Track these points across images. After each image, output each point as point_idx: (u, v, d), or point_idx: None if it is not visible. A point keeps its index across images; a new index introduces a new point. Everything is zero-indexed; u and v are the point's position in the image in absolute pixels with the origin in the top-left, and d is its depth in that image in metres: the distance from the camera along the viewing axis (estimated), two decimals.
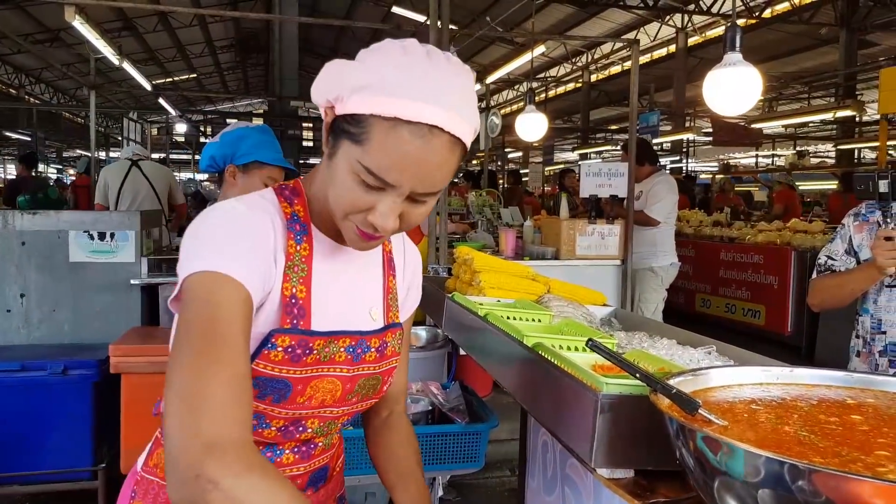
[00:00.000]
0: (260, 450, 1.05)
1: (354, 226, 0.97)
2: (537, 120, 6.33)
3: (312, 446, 1.13)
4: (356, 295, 1.11)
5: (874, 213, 2.21)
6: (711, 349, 1.59)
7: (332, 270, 1.07)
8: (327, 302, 1.05)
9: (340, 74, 0.93)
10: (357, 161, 0.91)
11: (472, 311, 1.92)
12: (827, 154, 20.82)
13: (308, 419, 1.07)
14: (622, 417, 1.10)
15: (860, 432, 0.93)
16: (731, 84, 3.31)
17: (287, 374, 1.00)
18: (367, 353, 1.09)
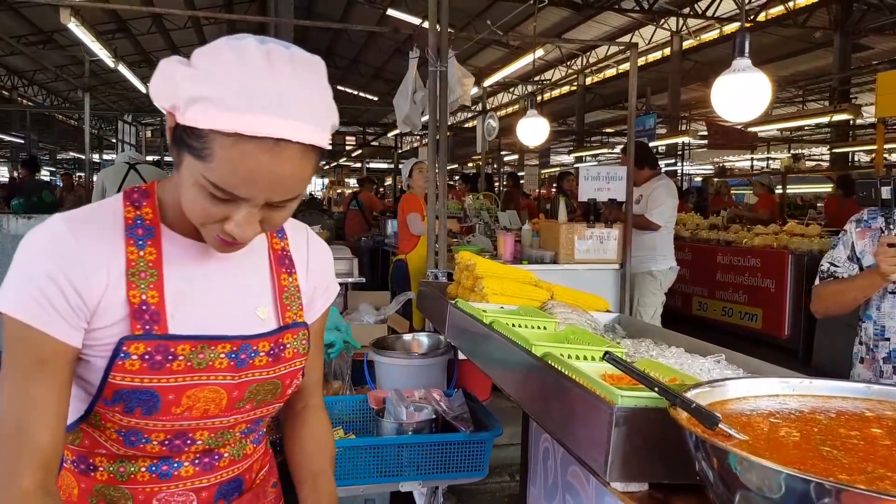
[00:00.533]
0: (155, 463, 1.03)
1: (213, 233, 0.94)
2: (539, 125, 6.32)
3: (216, 457, 1.08)
4: (233, 296, 1.05)
5: (876, 219, 2.20)
6: (720, 357, 1.58)
7: (194, 272, 1.01)
8: (188, 305, 0.99)
9: (174, 80, 0.87)
10: (202, 175, 0.86)
11: (476, 318, 1.90)
12: (821, 157, 20.90)
13: (194, 431, 1.02)
14: (637, 430, 1.08)
15: (882, 447, 0.91)
16: (739, 90, 3.30)
17: (151, 383, 0.95)
18: (254, 357, 1.03)
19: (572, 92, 19.62)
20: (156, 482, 1.04)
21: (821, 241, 6.97)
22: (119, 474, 1.04)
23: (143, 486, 1.04)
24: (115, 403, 0.95)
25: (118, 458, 1.03)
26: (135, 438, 1.00)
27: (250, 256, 1.08)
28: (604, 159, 18.98)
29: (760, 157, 20.89)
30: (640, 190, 5.18)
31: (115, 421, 0.98)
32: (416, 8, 14.11)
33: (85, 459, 1.04)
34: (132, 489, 1.04)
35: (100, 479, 1.04)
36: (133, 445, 1.01)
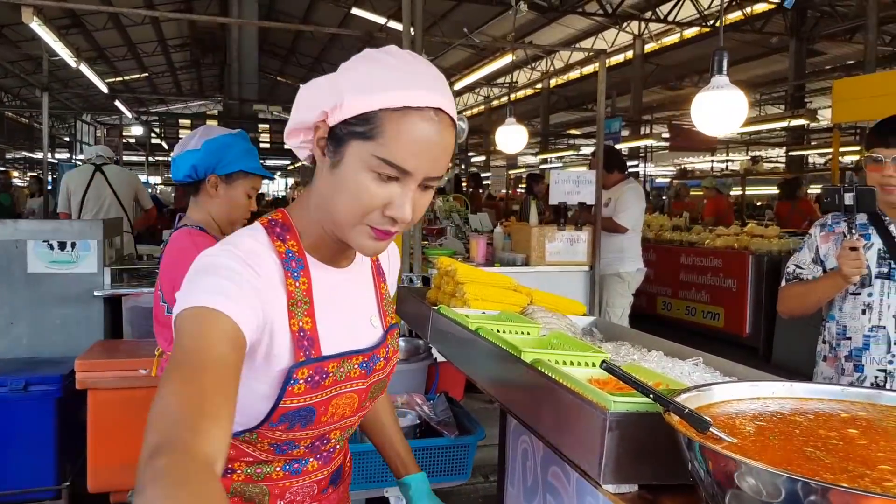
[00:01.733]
0: (288, 462, 1.12)
1: (368, 229, 1.00)
2: (517, 132, 6.40)
3: (332, 451, 1.19)
4: (355, 311, 1.16)
5: (839, 223, 2.30)
6: (699, 360, 1.64)
7: (332, 295, 1.10)
8: (332, 326, 1.08)
9: (333, 85, 0.99)
10: (372, 155, 0.95)
11: (461, 324, 1.93)
12: (778, 159, 21.47)
13: (331, 433, 1.14)
14: (629, 434, 1.13)
15: (860, 446, 0.97)
16: (718, 106, 3.44)
17: (311, 401, 1.05)
18: (376, 363, 1.16)
19: (537, 94, 19.81)
20: (288, 478, 1.14)
21: (780, 242, 7.19)
22: (256, 475, 1.12)
23: (277, 483, 1.13)
24: (280, 423, 1.04)
25: (256, 462, 1.11)
26: (286, 447, 1.10)
27: (365, 271, 1.20)
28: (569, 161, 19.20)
29: (720, 160, 21.38)
30: (609, 193, 5.29)
31: (274, 437, 1.07)
32: (382, 7, 14.09)
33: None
34: (269, 485, 1.13)
35: (236, 479, 1.11)
36: (283, 452, 1.11)
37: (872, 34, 10.21)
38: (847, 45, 14.19)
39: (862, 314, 2.21)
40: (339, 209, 1.00)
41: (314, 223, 1.07)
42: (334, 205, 1.00)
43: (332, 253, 1.10)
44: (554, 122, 22.08)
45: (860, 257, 2.11)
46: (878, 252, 2.20)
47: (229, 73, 14.28)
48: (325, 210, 1.03)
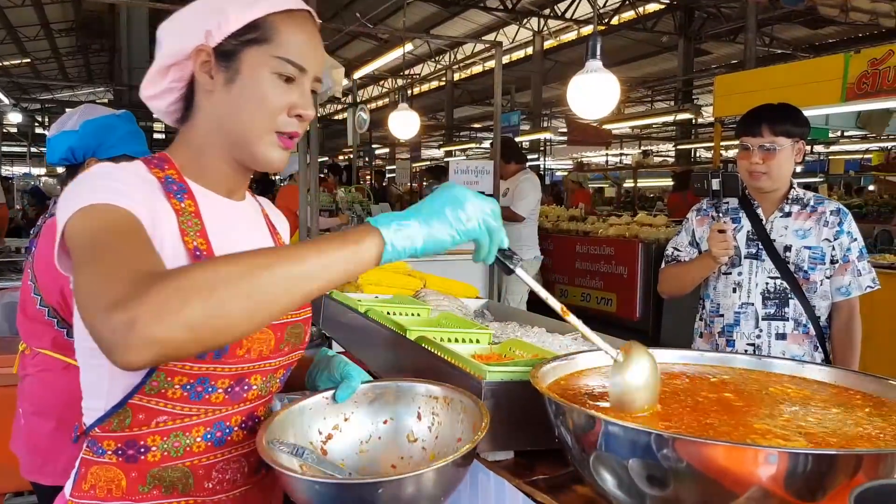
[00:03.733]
0: (209, 430, 1.04)
1: (275, 137, 1.03)
2: (410, 118, 6.41)
3: (256, 420, 1.11)
4: (254, 245, 1.10)
5: (713, 208, 2.44)
6: (577, 336, 1.72)
7: (225, 225, 1.08)
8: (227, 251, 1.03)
9: (206, 6, 1.02)
10: (272, 56, 1.00)
11: (352, 308, 1.94)
12: (668, 153, 22.59)
13: (250, 375, 1.07)
14: (503, 403, 1.18)
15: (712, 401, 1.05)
16: (592, 89, 3.56)
17: None
18: None
19: (441, 87, 19.93)
20: (211, 450, 1.05)
21: (667, 231, 7.58)
22: (174, 450, 1.02)
23: (200, 458, 1.04)
24: None
25: (172, 432, 1.01)
26: (201, 388, 1.01)
27: (259, 217, 1.19)
28: (472, 154, 19.46)
29: (614, 153, 22.27)
30: (507, 183, 5.42)
31: (184, 372, 0.98)
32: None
33: (133, 444, 1.01)
34: (190, 464, 1.03)
35: (152, 461, 1.01)
36: (199, 398, 1.01)
37: (752, 34, 10.89)
38: (730, 45, 15.09)
39: (733, 292, 2.36)
40: (244, 121, 1.02)
41: (198, 155, 1.07)
42: (238, 119, 1.02)
43: (221, 182, 1.09)
44: (458, 116, 22.30)
45: (727, 239, 2.25)
46: (748, 234, 2.35)
47: (119, 58, 13.53)
48: (224, 132, 1.04)
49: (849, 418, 0.95)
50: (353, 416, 1.13)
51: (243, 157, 1.06)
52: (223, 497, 1.06)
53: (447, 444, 1.08)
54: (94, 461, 1.02)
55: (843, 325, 2.31)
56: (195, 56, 1.01)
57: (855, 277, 2.28)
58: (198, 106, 1.05)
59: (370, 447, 1.12)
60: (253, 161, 1.06)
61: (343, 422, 1.12)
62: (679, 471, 0.80)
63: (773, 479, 0.75)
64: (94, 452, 1.02)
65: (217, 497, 1.05)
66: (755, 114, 2.33)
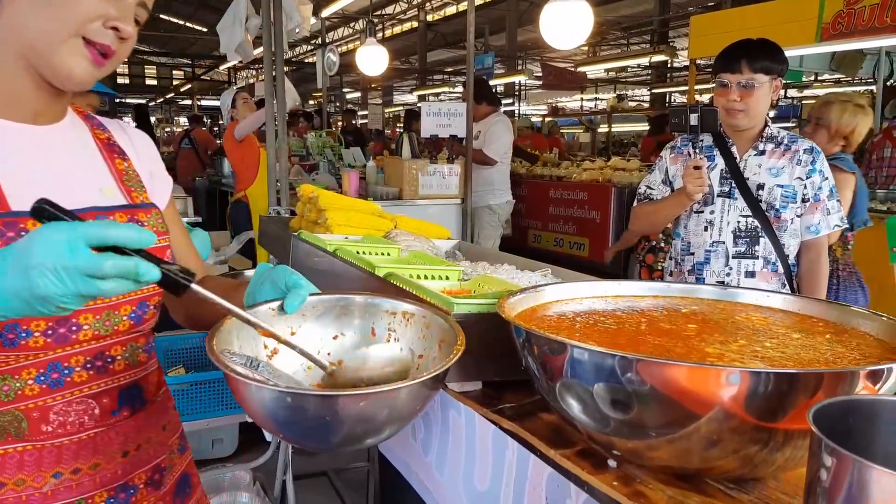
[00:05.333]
0: (42, 372, 0.95)
1: (82, 44, 0.93)
2: (378, 53, 6.25)
3: (109, 360, 1.03)
4: (71, 177, 1.02)
5: (687, 145, 2.43)
6: (547, 272, 1.71)
7: (23, 156, 0.98)
8: (23, 183, 0.95)
9: None
10: None
11: (321, 248, 1.91)
12: (643, 98, 22.50)
13: (78, 314, 0.97)
14: (470, 335, 1.17)
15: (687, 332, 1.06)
16: (565, 18, 3.49)
17: None
18: None
19: (414, 30, 19.48)
20: (47, 393, 0.97)
21: (640, 175, 7.61)
22: (3, 394, 0.94)
23: (35, 401, 0.96)
24: None
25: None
26: (13, 335, 0.92)
27: (82, 144, 1.07)
28: (446, 98, 19.20)
29: (589, 98, 22.11)
30: (479, 126, 5.35)
31: None
32: None
33: None
34: (23, 408, 0.95)
35: None
36: (13, 344, 0.92)
37: None
38: None
39: (704, 231, 2.38)
40: (47, 23, 0.91)
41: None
42: (39, 20, 0.91)
43: (18, 106, 0.97)
44: (431, 60, 21.89)
45: (703, 176, 2.25)
46: (721, 172, 2.35)
47: None
48: (23, 38, 0.93)
49: (808, 343, 0.96)
50: (300, 330, 1.04)
51: (40, 65, 0.94)
52: (66, 441, 0.98)
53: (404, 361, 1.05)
54: None
55: (810, 264, 2.34)
56: None
57: (824, 216, 2.30)
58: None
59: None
60: (52, 71, 0.95)
61: (290, 335, 1.02)
62: (642, 393, 0.81)
63: (735, 399, 0.76)
64: None
65: (59, 441, 0.97)
66: (734, 49, 2.30)
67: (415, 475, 2.30)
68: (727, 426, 0.79)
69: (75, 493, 0.99)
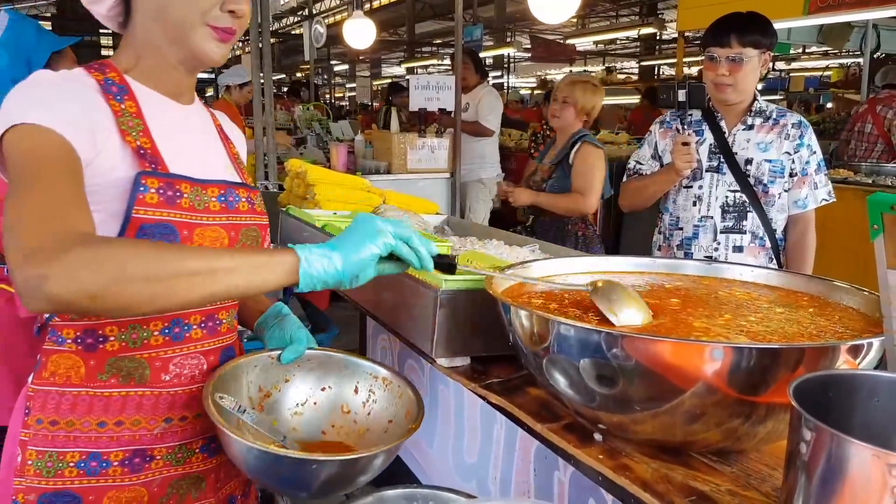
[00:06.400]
0: (167, 325, 1.07)
1: (210, 30, 1.04)
2: (365, 26, 6.16)
3: (218, 323, 1.15)
4: (204, 151, 1.15)
5: (676, 120, 2.42)
6: (535, 247, 1.73)
7: (170, 126, 1.09)
8: (177, 151, 1.07)
9: None
10: None
11: (309, 223, 1.91)
12: (632, 70, 22.38)
13: None
14: (459, 311, 1.19)
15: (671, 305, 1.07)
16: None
17: (169, 217, 1.01)
18: (238, 202, 1.13)
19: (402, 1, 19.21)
20: (169, 345, 1.08)
21: (629, 148, 7.59)
22: (131, 341, 1.05)
23: (158, 351, 1.07)
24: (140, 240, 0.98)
25: (129, 323, 1.04)
26: None
27: (208, 126, 1.19)
28: (435, 71, 19.02)
29: (578, 70, 21.97)
30: (467, 98, 5.31)
31: None
32: None
33: (93, 333, 1.03)
34: (147, 357, 1.06)
35: (110, 350, 1.04)
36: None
37: None
38: None
39: (693, 205, 2.37)
40: (176, 15, 1.02)
41: (140, 56, 1.07)
42: (170, 14, 1.02)
43: (166, 82, 1.10)
44: (420, 32, 21.63)
45: (691, 152, 2.25)
46: (710, 147, 2.34)
47: None
48: (161, 30, 1.04)
49: (792, 317, 0.98)
50: (294, 378, 1.20)
51: (182, 53, 1.07)
52: (179, 391, 1.09)
53: (378, 422, 1.17)
54: (54, 350, 1.05)
55: (798, 238, 2.35)
56: None
57: (812, 190, 2.30)
58: (135, 7, 1.05)
59: (305, 410, 1.20)
60: (192, 56, 1.06)
61: (284, 382, 1.19)
62: (627, 368, 0.82)
63: (718, 374, 0.77)
64: (55, 342, 1.04)
65: (174, 390, 1.09)
66: (723, 23, 2.28)
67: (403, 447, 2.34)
68: (710, 400, 0.80)
69: (178, 438, 1.11)
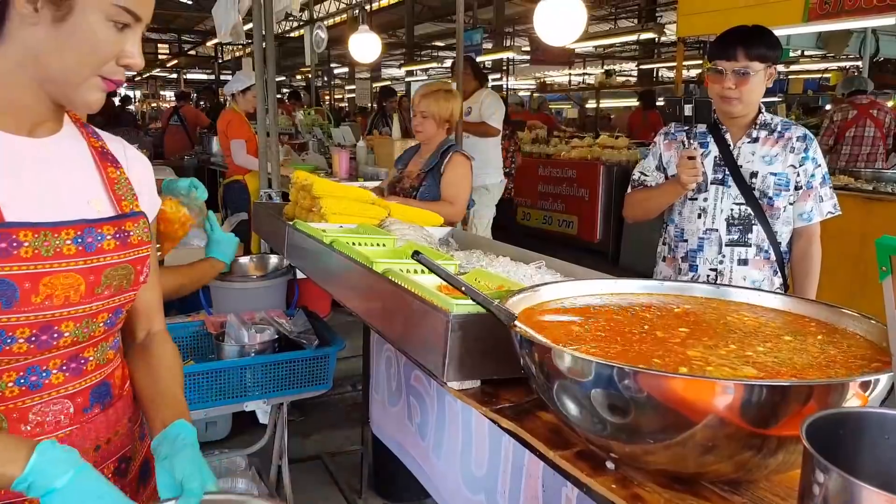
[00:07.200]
0: (22, 375, 1.00)
1: (100, 80, 1.00)
2: (370, 41, 6.21)
3: (83, 361, 1.08)
4: (64, 187, 1.06)
5: (681, 132, 2.43)
6: (541, 265, 1.74)
7: (19, 166, 1.01)
8: (18, 196, 0.99)
9: None
10: (111, 4, 0.97)
11: (317, 238, 1.92)
12: (630, 73, 22.40)
13: (59, 322, 1.02)
14: (470, 334, 1.20)
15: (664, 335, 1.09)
16: (559, 14, 3.49)
17: (7, 272, 0.94)
18: (101, 241, 1.05)
19: (401, 3, 19.22)
20: (27, 394, 1.02)
21: (629, 153, 7.61)
22: None
23: (14, 402, 1.02)
24: None
25: None
26: (0, 342, 0.97)
27: (77, 153, 1.11)
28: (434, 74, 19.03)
29: (577, 73, 22.00)
30: (469, 102, 5.34)
31: None
32: None
33: None
34: (3, 409, 1.01)
35: None
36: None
37: None
38: None
39: (698, 218, 2.38)
40: (69, 63, 0.97)
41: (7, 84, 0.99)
42: (62, 61, 0.97)
43: (19, 119, 1.02)
44: (419, 34, 21.63)
45: (696, 166, 2.25)
46: (715, 159, 2.35)
47: None
48: (40, 67, 0.98)
49: (801, 346, 0.99)
50: None
51: (57, 95, 1.02)
52: (44, 439, 0.99)
53: None
54: None
55: (803, 251, 2.36)
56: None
57: (817, 203, 2.31)
58: (8, 35, 0.96)
59: None
60: (68, 102, 1.03)
61: None
62: (639, 401, 0.84)
63: (729, 408, 0.79)
64: None
65: (38, 440, 0.98)
66: (730, 37, 2.28)
67: (410, 457, 2.35)
68: (722, 433, 0.82)
69: None
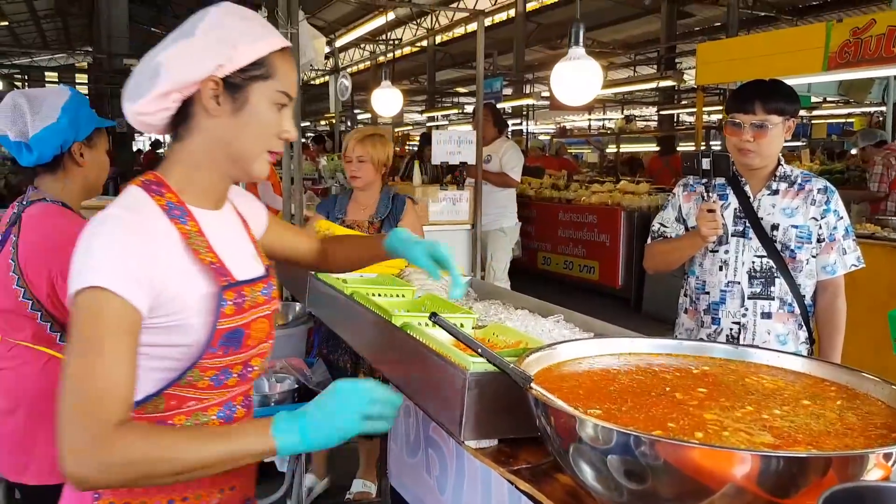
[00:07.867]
0: (220, 409, 1.20)
1: (267, 154, 1.20)
2: (393, 95, 6.43)
3: (250, 399, 1.30)
4: (239, 246, 1.28)
5: (700, 185, 2.43)
6: (559, 318, 1.74)
7: (219, 233, 1.21)
8: (230, 259, 1.20)
9: (217, 41, 1.13)
10: (276, 91, 1.16)
11: (337, 289, 1.95)
12: (651, 118, 22.54)
13: (253, 358, 1.23)
14: (487, 393, 1.20)
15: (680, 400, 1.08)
16: (575, 76, 3.58)
17: (239, 322, 1.16)
18: (270, 291, 1.28)
19: (423, 50, 19.64)
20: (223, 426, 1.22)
21: (650, 198, 7.61)
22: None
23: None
24: (218, 348, 1.13)
25: (194, 412, 1.17)
26: (223, 377, 1.18)
27: (232, 218, 1.30)
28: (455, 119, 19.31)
29: (597, 118, 22.19)
30: (488, 150, 5.44)
31: (214, 366, 1.15)
32: None
33: (163, 423, 1.15)
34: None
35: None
36: (220, 384, 1.18)
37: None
38: (714, 7, 14.95)
39: (719, 270, 2.36)
40: (247, 145, 1.17)
41: (193, 172, 1.18)
42: (241, 143, 1.16)
43: (211, 198, 1.22)
44: (440, 80, 22.03)
45: (716, 219, 2.24)
46: (735, 211, 2.34)
47: (98, 22, 13.14)
48: (225, 152, 1.17)
49: (819, 411, 0.98)
50: None
51: (238, 173, 1.22)
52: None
53: None
54: None
55: (828, 304, 2.33)
56: (203, 84, 1.12)
57: (840, 256, 2.29)
58: (197, 127, 1.16)
59: None
60: (246, 175, 1.23)
61: None
62: (656, 468, 0.83)
63: (747, 477, 0.79)
64: None
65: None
66: (747, 90, 2.28)
67: None
68: (739, 501, 0.81)
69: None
